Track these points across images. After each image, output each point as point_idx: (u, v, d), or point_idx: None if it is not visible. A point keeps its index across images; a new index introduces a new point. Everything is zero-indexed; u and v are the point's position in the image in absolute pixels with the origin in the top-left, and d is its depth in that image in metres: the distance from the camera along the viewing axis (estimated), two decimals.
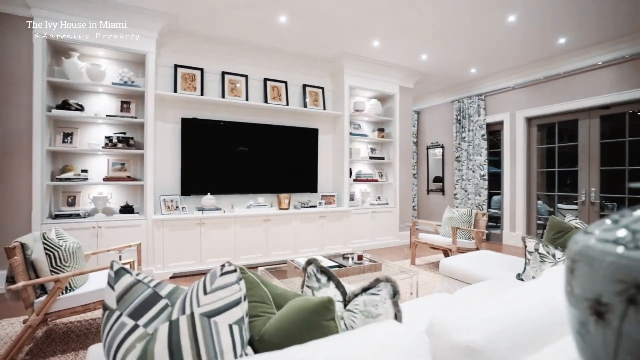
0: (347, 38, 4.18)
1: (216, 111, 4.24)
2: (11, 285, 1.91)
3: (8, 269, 1.97)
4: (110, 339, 0.81)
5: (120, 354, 0.78)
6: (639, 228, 0.35)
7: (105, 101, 3.63)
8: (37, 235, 2.10)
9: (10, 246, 1.93)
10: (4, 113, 3.05)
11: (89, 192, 3.55)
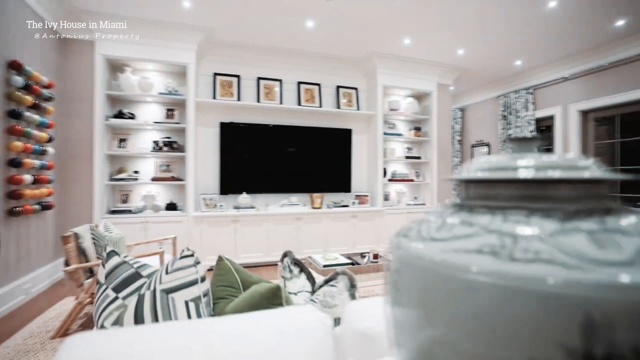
0: (376, 38, 4.17)
1: (252, 115, 4.49)
2: (66, 267, 2.26)
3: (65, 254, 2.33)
4: (97, 307, 0.97)
5: (102, 319, 0.93)
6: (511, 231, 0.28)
7: (153, 109, 4.05)
8: (88, 227, 2.45)
9: (65, 235, 2.29)
10: (70, 122, 3.57)
11: (139, 191, 4.00)
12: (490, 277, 0.25)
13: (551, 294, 0.22)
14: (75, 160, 3.60)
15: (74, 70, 3.61)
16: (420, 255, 0.31)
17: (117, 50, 3.71)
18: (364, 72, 5.02)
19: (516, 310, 0.23)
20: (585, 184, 0.32)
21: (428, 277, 0.29)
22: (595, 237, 0.25)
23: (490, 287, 0.25)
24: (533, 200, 0.31)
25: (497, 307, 0.24)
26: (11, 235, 2.77)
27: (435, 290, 0.29)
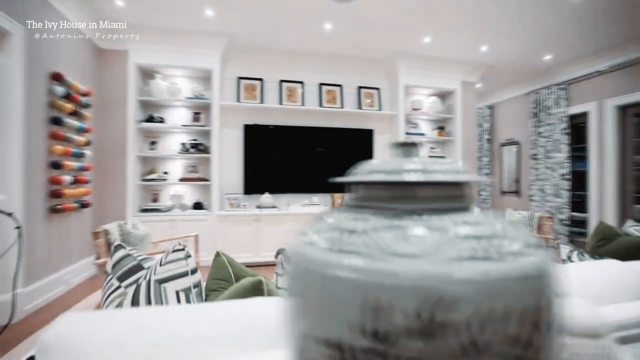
0: (396, 38, 4.15)
1: (275, 117, 4.61)
2: (96, 261, 2.47)
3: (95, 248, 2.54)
4: (104, 294, 1.09)
5: (106, 304, 1.05)
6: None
7: (181, 113, 4.28)
8: (116, 225, 2.66)
9: (96, 231, 2.50)
10: (106, 126, 3.87)
11: (168, 191, 4.24)
12: (316, 265, 0.29)
13: (347, 279, 0.27)
14: (111, 162, 3.89)
15: (110, 78, 3.91)
16: (295, 252, 0.35)
17: (148, 58, 3.96)
18: (386, 72, 4.99)
19: (329, 294, 0.28)
20: (443, 186, 0.35)
21: (294, 269, 0.34)
22: (403, 233, 0.29)
23: (316, 274, 0.29)
24: (401, 201, 0.35)
25: (320, 291, 0.29)
26: (53, 230, 3.06)
27: (296, 280, 0.33)
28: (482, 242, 0.29)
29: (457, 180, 0.34)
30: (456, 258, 0.27)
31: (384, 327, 0.25)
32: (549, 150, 5.16)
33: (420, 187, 0.35)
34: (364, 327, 0.26)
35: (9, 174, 2.58)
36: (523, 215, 3.74)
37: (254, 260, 4.07)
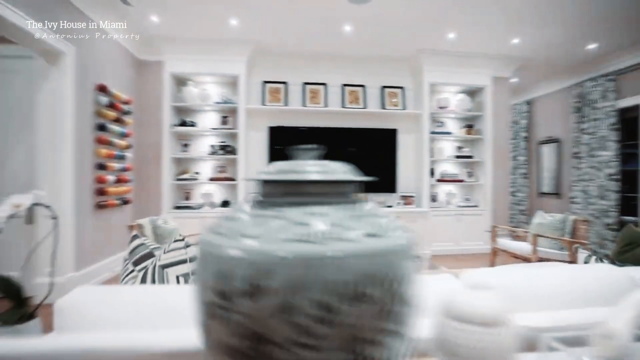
0: (418, 36, 4.12)
1: (298, 118, 4.76)
2: None
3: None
4: (121, 276, 1.28)
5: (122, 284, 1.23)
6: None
7: (210, 117, 4.57)
8: (149, 220, 2.94)
9: (131, 225, 2.79)
10: (144, 131, 4.23)
11: (199, 189, 4.54)
12: (202, 244, 0.41)
13: (211, 253, 0.38)
14: (148, 163, 4.25)
15: (148, 87, 4.27)
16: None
17: (181, 67, 4.28)
18: (411, 71, 4.96)
19: (203, 264, 0.39)
20: (326, 184, 0.45)
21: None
22: (260, 220, 0.39)
23: (200, 249, 0.40)
24: (294, 195, 0.46)
25: (200, 261, 0.40)
26: (99, 224, 3.42)
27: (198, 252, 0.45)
28: (312, 229, 0.38)
29: (323, 179, 0.44)
30: (284, 240, 0.37)
31: (226, 289, 0.36)
32: (594, 148, 4.84)
33: (308, 185, 0.45)
34: (215, 288, 0.37)
35: (62, 174, 2.94)
36: (555, 219, 3.56)
37: None
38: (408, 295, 0.41)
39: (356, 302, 0.36)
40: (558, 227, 3.50)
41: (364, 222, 0.42)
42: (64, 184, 2.93)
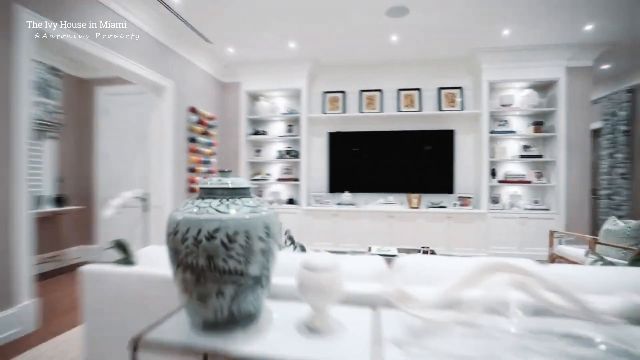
0: (470, 36, 4.09)
1: (355, 124, 5.14)
2: None
3: None
4: None
5: None
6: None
7: (278, 126, 5.29)
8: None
9: None
10: (225, 140, 5.17)
11: (269, 189, 5.31)
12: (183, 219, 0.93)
13: (189, 219, 0.90)
14: (228, 167, 5.18)
15: (228, 104, 5.21)
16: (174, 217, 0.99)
17: (254, 85, 5.09)
18: (469, 70, 4.86)
19: (181, 227, 0.91)
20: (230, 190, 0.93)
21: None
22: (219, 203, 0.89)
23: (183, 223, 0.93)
24: (217, 195, 0.95)
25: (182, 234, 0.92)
26: None
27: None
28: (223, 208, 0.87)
29: (234, 187, 0.92)
30: (211, 212, 0.86)
31: (198, 237, 0.87)
32: None
33: (220, 190, 0.94)
34: (190, 238, 0.88)
35: (165, 176, 3.95)
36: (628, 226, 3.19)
37: (333, 249, 4.73)
38: (254, 243, 0.86)
39: (234, 238, 0.83)
40: (630, 235, 3.14)
41: (245, 205, 0.89)
42: (165, 183, 3.94)
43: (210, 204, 0.89)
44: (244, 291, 0.88)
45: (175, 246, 0.87)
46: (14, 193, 2.28)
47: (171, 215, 0.91)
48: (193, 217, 0.86)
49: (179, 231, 0.86)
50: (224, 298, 0.86)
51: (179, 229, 0.86)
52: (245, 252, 0.85)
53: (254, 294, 0.91)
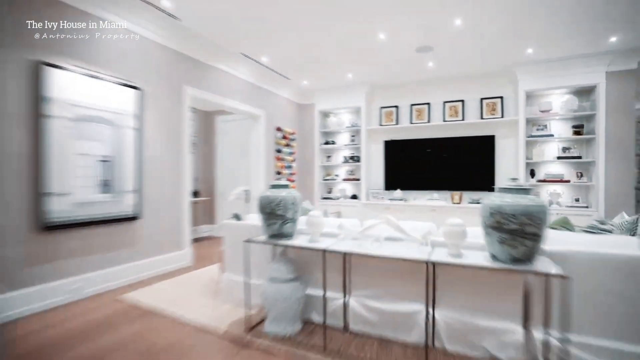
0: (501, 54, 4.77)
1: (407, 132, 6.15)
2: None
3: None
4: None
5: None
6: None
7: (344, 136, 6.61)
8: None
9: None
10: (303, 149, 6.71)
11: (337, 187, 6.67)
12: (264, 196, 2.38)
13: (272, 197, 2.35)
14: (306, 170, 6.71)
15: (305, 121, 6.74)
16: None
17: (325, 105, 6.50)
18: (508, 80, 5.44)
19: (266, 202, 2.37)
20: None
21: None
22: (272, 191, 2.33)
23: (263, 198, 2.38)
24: (280, 186, 2.36)
25: (264, 200, 2.38)
26: None
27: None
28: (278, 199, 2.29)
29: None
30: (280, 193, 2.29)
31: (271, 205, 2.31)
32: None
33: (276, 186, 2.36)
34: (267, 205, 2.34)
35: (259, 178, 5.62)
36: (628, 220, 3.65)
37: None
38: (288, 206, 2.24)
39: (281, 204, 2.25)
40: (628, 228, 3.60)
41: (286, 190, 2.29)
42: (260, 182, 5.61)
43: (275, 191, 2.27)
44: (285, 223, 2.24)
45: (264, 209, 2.27)
46: (182, 187, 4.10)
47: (261, 195, 2.32)
48: (266, 195, 2.25)
49: (265, 205, 2.26)
50: (277, 225, 2.24)
51: (264, 203, 2.26)
52: (284, 209, 2.21)
53: (290, 224, 2.27)
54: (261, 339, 2.25)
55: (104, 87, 3.21)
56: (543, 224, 1.62)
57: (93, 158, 3.15)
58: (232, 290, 2.91)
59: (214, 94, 4.61)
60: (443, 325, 2.12)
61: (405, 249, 2.07)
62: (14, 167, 2.63)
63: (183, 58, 4.13)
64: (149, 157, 3.71)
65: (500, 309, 2.01)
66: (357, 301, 2.38)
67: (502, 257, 1.71)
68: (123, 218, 3.41)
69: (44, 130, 2.77)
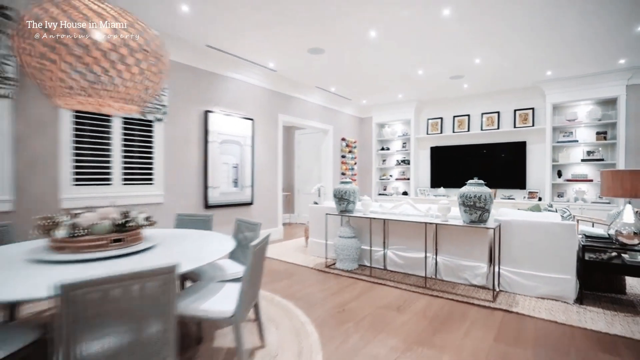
0: (524, 75, 5.81)
1: (449, 140, 7.34)
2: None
3: None
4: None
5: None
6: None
7: (396, 143, 8.00)
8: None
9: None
10: (362, 155, 8.26)
11: (391, 185, 8.09)
12: (337, 188, 4.07)
13: (337, 189, 4.04)
14: (365, 171, 8.26)
15: (364, 132, 8.29)
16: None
17: (380, 119, 7.98)
18: (538, 93, 6.36)
19: (337, 194, 4.06)
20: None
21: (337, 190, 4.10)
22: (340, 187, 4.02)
23: (336, 190, 4.07)
24: (346, 182, 4.01)
25: (337, 192, 4.06)
26: None
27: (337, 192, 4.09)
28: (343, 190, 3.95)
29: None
30: (345, 187, 3.96)
31: (339, 193, 3.99)
32: None
33: (343, 184, 4.02)
34: (339, 196, 4.02)
35: (328, 178, 7.33)
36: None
37: None
38: (351, 195, 3.88)
39: (348, 194, 3.92)
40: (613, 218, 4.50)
41: (351, 186, 3.94)
42: (329, 181, 7.32)
43: (343, 185, 3.91)
44: (349, 204, 3.86)
45: (336, 195, 3.92)
46: (277, 184, 5.97)
47: (335, 188, 3.97)
48: (338, 187, 3.89)
49: (337, 194, 3.91)
50: (344, 205, 3.87)
51: (337, 193, 3.91)
52: (348, 195, 3.83)
53: (351, 204, 3.89)
54: (334, 271, 3.90)
55: (233, 121, 5.15)
56: (487, 202, 2.99)
57: (229, 165, 5.11)
58: (315, 248, 4.62)
59: (296, 116, 6.43)
60: (441, 265, 3.54)
61: (416, 217, 3.54)
62: (194, 171, 4.65)
63: (277, 94, 6.00)
64: (258, 164, 5.62)
65: (475, 254, 3.38)
66: (391, 252, 3.91)
67: (466, 220, 3.12)
68: (244, 203, 5.34)
69: (207, 150, 4.77)
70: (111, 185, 3.77)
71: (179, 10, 3.49)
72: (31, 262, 1.68)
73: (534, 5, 3.37)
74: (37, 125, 3.29)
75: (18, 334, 1.46)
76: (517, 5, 3.37)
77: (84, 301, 1.13)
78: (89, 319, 1.15)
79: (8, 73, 3.06)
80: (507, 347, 2.19)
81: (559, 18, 3.64)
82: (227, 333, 2.34)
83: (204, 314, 1.73)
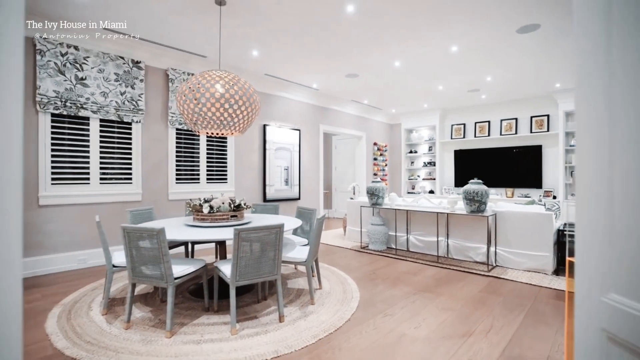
0: (535, 87, 6.55)
1: (471, 143, 8.14)
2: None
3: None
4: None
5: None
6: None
7: (423, 147, 8.91)
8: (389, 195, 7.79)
9: None
10: (392, 157, 9.24)
11: (418, 184, 9.01)
12: (369, 188, 5.18)
13: (369, 187, 5.16)
14: (395, 172, 9.23)
15: (394, 136, 9.26)
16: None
17: (409, 125, 8.93)
18: (553, 102, 7.03)
19: (370, 190, 5.17)
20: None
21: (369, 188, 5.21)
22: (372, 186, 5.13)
23: (369, 187, 5.18)
24: (377, 181, 5.11)
25: (368, 190, 5.18)
26: None
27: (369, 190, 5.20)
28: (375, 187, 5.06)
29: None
30: (377, 184, 5.07)
31: (370, 190, 5.11)
32: None
33: (374, 182, 5.13)
34: (371, 192, 5.14)
35: (362, 178, 8.40)
36: None
37: None
38: (380, 192, 4.97)
39: (379, 190, 5.02)
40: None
41: (380, 185, 5.04)
42: (362, 181, 8.38)
43: (375, 184, 4.99)
44: (379, 198, 4.94)
45: (369, 192, 5.01)
46: (319, 183, 7.14)
47: (367, 186, 5.06)
48: (370, 185, 4.98)
49: (369, 191, 5.00)
50: (375, 199, 4.96)
51: (369, 190, 5.00)
52: (379, 192, 4.91)
53: (381, 199, 4.97)
54: (367, 251, 4.99)
55: (284, 132, 6.38)
56: (483, 196, 3.95)
57: (281, 167, 6.35)
58: (351, 234, 5.73)
59: (334, 126, 7.56)
60: (452, 246, 4.52)
61: (431, 209, 4.55)
62: (255, 173, 5.93)
63: (318, 108, 7.16)
64: (303, 166, 6.82)
65: (477, 237, 4.33)
66: (412, 236, 4.93)
67: (468, 210, 4.09)
68: (293, 198, 6.55)
69: (265, 155, 6.03)
70: (199, 183, 5.11)
71: (251, 54, 4.75)
72: (191, 227, 2.94)
73: (533, 33, 4.26)
74: (155, 141, 4.67)
75: (195, 262, 2.70)
76: (514, 36, 4.28)
77: (243, 238, 2.33)
78: (243, 245, 2.35)
79: (140, 106, 4.46)
80: (486, 295, 3.18)
81: (558, 38, 4.49)
82: (296, 281, 3.51)
83: (291, 258, 2.90)
